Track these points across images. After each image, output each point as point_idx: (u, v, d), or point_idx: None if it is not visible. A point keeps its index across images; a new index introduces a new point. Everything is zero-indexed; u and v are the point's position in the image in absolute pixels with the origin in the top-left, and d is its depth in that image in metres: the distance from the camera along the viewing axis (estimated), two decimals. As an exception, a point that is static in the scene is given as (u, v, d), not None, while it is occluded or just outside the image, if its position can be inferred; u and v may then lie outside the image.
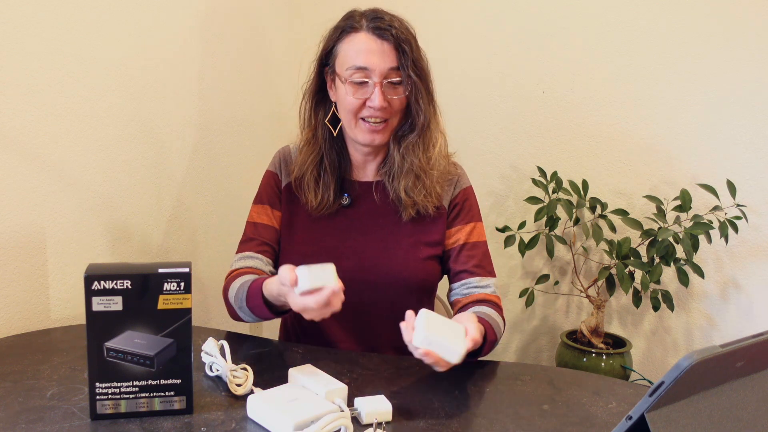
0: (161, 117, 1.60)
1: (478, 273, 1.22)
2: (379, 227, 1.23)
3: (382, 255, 1.21)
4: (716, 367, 0.56)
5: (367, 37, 1.15)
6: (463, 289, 1.22)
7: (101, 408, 0.87)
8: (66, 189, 1.35)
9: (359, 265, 1.20)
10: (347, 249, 1.22)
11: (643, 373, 1.94)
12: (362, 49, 1.15)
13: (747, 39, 1.74)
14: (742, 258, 1.82)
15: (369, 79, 1.15)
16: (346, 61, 1.16)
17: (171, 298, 0.86)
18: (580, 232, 1.95)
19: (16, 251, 1.26)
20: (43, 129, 1.29)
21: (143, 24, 1.51)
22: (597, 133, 1.96)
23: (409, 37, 1.17)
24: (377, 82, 1.14)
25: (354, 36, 1.16)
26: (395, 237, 1.22)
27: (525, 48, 2.02)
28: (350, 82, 1.15)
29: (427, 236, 1.23)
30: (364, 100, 1.15)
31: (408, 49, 1.15)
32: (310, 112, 1.25)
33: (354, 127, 1.19)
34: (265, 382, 0.99)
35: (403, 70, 1.15)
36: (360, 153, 1.25)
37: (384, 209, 1.24)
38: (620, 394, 0.99)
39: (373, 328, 1.23)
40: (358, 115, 1.17)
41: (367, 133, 1.18)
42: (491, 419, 0.90)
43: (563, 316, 2.09)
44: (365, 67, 1.14)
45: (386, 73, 1.14)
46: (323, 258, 1.18)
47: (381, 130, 1.18)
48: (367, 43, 1.15)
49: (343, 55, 1.17)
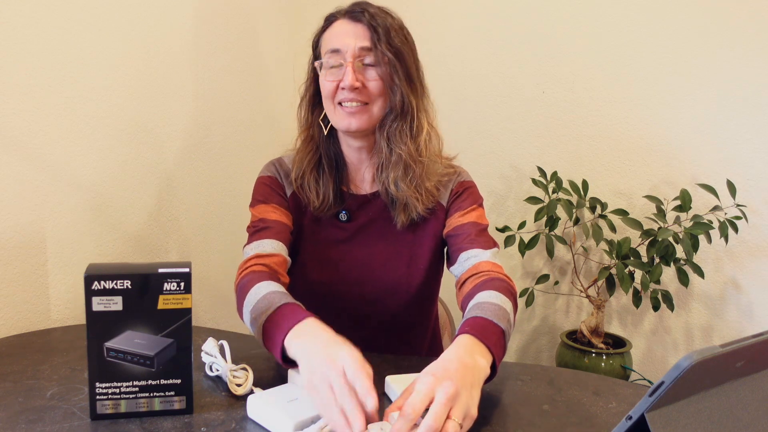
0: (161, 117, 1.60)
1: (473, 246, 1.15)
2: (377, 241, 1.21)
3: (382, 268, 1.20)
4: (716, 367, 0.56)
5: (342, 21, 1.16)
6: (459, 268, 1.16)
7: (101, 408, 0.87)
8: (66, 189, 1.35)
9: (361, 278, 1.19)
10: (348, 263, 1.21)
11: (643, 373, 1.94)
12: (337, 32, 1.15)
13: (747, 39, 1.75)
14: (742, 258, 1.82)
15: (342, 60, 1.13)
16: (324, 48, 1.16)
17: (171, 298, 0.86)
18: (580, 232, 1.95)
19: (16, 251, 1.26)
20: (43, 129, 1.29)
21: (143, 24, 1.51)
22: (597, 133, 1.96)
23: (387, 21, 1.15)
24: (349, 62, 1.12)
25: (333, 24, 1.17)
26: (395, 248, 1.20)
27: (525, 48, 2.02)
28: (325, 66, 1.15)
29: (427, 241, 1.21)
30: (338, 83, 1.13)
31: (383, 30, 1.13)
32: (307, 114, 1.24)
33: (334, 114, 1.16)
34: (265, 382, 0.99)
35: (376, 49, 1.12)
36: (353, 150, 1.22)
37: (383, 222, 1.22)
38: (620, 394, 0.99)
39: (375, 338, 1.22)
40: (335, 99, 1.15)
41: (345, 117, 1.14)
42: (491, 419, 0.90)
43: (563, 316, 2.09)
44: (337, 48, 1.13)
45: (357, 53, 1.12)
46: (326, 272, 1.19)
47: (357, 112, 1.14)
48: (342, 26, 1.15)
49: (323, 44, 1.18)
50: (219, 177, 1.84)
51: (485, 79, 2.09)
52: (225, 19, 1.81)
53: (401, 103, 1.15)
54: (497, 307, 0.99)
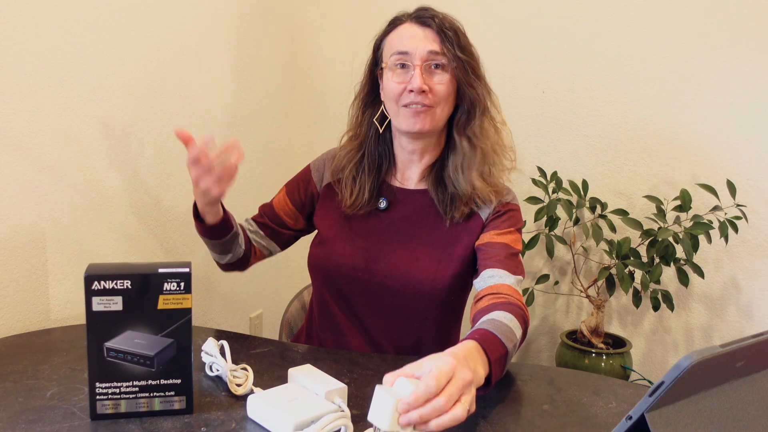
0: (161, 117, 1.60)
1: (499, 267, 1.13)
2: (411, 236, 1.21)
3: (409, 264, 1.19)
4: (716, 367, 0.56)
5: (410, 25, 1.18)
6: (482, 281, 1.14)
7: (101, 408, 0.87)
8: (66, 189, 1.35)
9: (386, 270, 1.19)
10: (378, 252, 1.21)
11: (643, 373, 1.94)
12: (404, 35, 1.17)
13: (747, 39, 1.75)
14: (742, 258, 1.82)
15: (410, 62, 1.15)
16: (390, 50, 1.18)
17: (171, 298, 0.86)
18: (580, 232, 1.95)
19: (16, 251, 1.26)
20: (43, 129, 1.29)
21: (143, 24, 1.51)
22: (597, 133, 1.96)
23: (454, 26, 1.18)
24: (417, 65, 1.14)
25: (399, 27, 1.19)
26: (426, 249, 1.20)
27: (525, 48, 2.02)
28: (391, 66, 1.17)
29: (459, 250, 1.19)
30: (405, 85, 1.15)
31: (452, 34, 1.16)
32: (359, 113, 1.27)
33: (397, 115, 1.18)
34: (265, 382, 0.99)
35: (447, 53, 1.15)
36: (406, 152, 1.23)
37: (420, 219, 1.22)
38: (620, 394, 0.99)
39: (389, 332, 1.22)
40: (400, 101, 1.16)
41: (410, 117, 1.15)
42: (491, 419, 0.90)
43: (563, 316, 2.09)
44: (406, 51, 1.15)
45: (426, 56, 1.14)
46: (353, 258, 1.21)
47: (423, 112, 1.15)
48: (410, 29, 1.17)
49: (388, 46, 1.19)
50: (219, 177, 1.84)
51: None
52: (225, 19, 1.81)
53: (479, 100, 1.19)
54: (508, 329, 0.97)
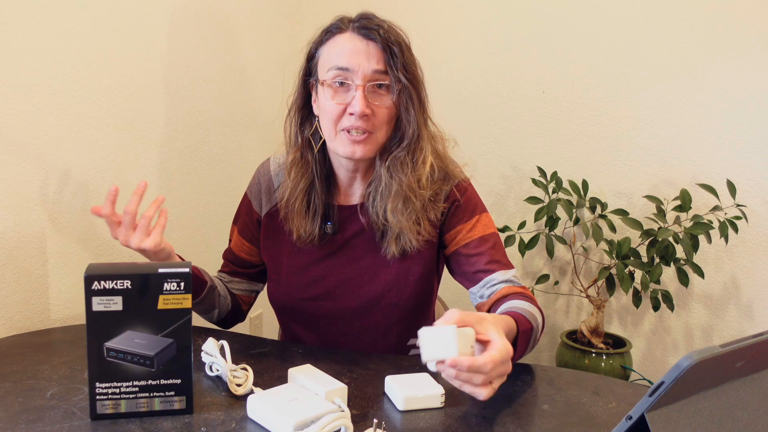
0: (161, 117, 1.60)
1: (495, 269, 1.11)
2: (365, 251, 1.14)
3: (370, 281, 1.13)
4: (716, 367, 0.56)
5: (352, 36, 1.05)
6: (485, 290, 1.11)
7: (101, 408, 0.87)
8: (66, 189, 1.35)
9: (347, 293, 1.15)
10: (334, 277, 1.15)
11: (643, 373, 1.94)
12: (345, 48, 1.04)
13: (747, 39, 1.75)
14: (742, 258, 1.82)
15: (351, 81, 1.03)
16: (327, 63, 1.05)
17: (171, 298, 0.86)
18: (580, 232, 1.95)
19: (16, 251, 1.26)
20: (43, 129, 1.29)
21: (144, 24, 1.51)
22: (597, 133, 1.96)
23: (400, 40, 1.06)
24: (359, 85, 1.02)
25: (338, 37, 1.06)
26: (384, 260, 1.13)
27: (525, 48, 2.02)
28: (329, 84, 1.05)
29: (418, 253, 1.13)
30: (345, 107, 1.04)
31: (398, 51, 1.03)
32: (296, 129, 1.14)
33: (334, 138, 1.07)
34: (265, 382, 0.99)
35: (391, 73, 1.03)
36: (346, 170, 1.14)
37: (370, 233, 1.14)
38: (620, 394, 0.99)
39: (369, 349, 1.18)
40: (339, 124, 1.05)
41: (348, 144, 1.05)
42: (491, 419, 0.90)
43: (563, 316, 2.09)
44: (347, 67, 1.03)
45: (370, 76, 1.03)
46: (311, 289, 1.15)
47: (362, 140, 1.05)
48: (351, 42, 1.04)
49: (324, 57, 1.07)
50: (219, 177, 1.84)
51: (485, 79, 2.09)
52: (225, 19, 1.81)
53: (411, 132, 1.07)
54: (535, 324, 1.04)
